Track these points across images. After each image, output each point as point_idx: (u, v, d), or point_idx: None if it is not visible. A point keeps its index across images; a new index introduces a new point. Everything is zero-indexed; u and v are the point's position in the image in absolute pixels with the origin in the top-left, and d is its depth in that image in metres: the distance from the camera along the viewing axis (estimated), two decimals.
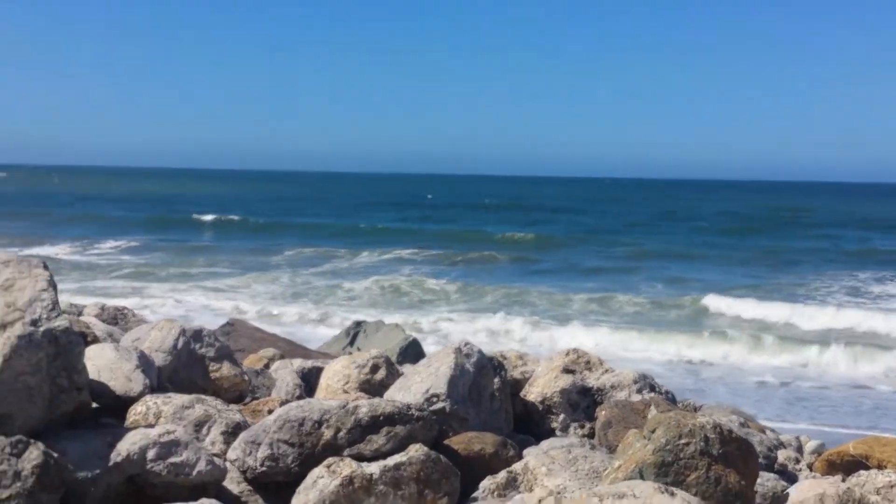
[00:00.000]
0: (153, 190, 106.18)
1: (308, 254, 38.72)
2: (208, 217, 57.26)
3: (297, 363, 8.97)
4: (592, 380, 7.98)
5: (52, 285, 6.34)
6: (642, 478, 5.68)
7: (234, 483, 6.34)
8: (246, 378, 8.14)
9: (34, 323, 6.05)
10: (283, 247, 40.78)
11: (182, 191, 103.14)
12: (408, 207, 78.06)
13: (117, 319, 10.34)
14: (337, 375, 7.78)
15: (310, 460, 6.26)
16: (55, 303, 6.18)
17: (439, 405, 6.96)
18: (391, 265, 36.42)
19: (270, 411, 7.03)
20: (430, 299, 27.71)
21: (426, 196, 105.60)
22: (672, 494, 4.55)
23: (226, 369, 7.89)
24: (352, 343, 13.72)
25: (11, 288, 6.23)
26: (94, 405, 6.67)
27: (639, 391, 7.82)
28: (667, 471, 5.78)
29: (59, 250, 39.65)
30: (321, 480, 6.03)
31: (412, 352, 12.70)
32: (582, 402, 7.83)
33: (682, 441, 5.89)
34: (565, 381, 7.85)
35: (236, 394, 7.95)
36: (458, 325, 22.87)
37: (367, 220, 61.21)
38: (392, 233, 51.00)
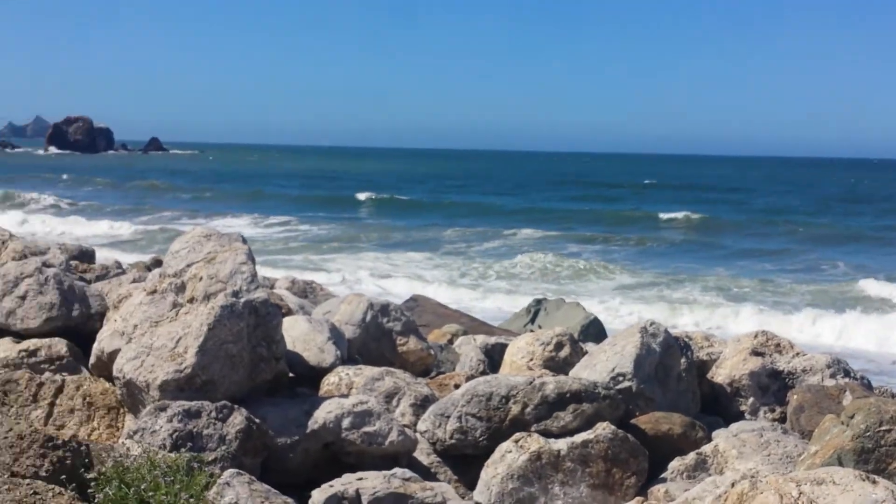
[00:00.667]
0: (328, 168, 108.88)
1: (474, 233, 38.91)
2: (374, 194, 58.31)
3: (481, 339, 9.08)
4: (783, 363, 7.74)
5: (251, 258, 6.62)
6: (841, 464, 5.49)
7: (423, 454, 6.48)
8: (432, 352, 8.30)
9: (235, 294, 6.34)
10: (448, 225, 41.16)
11: (357, 170, 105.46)
12: (569, 186, 77.32)
13: (306, 293, 10.71)
14: (521, 352, 7.82)
15: (497, 434, 6.33)
16: (254, 275, 6.46)
17: (625, 384, 6.91)
18: (555, 243, 36.25)
19: (457, 386, 7.15)
20: (593, 279, 27.49)
21: (588, 174, 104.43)
22: (874, 482, 4.36)
23: (412, 343, 8.06)
24: (532, 321, 13.73)
25: (213, 261, 6.53)
26: (290, 374, 6.95)
27: (832, 376, 7.55)
28: (867, 458, 5.58)
29: (238, 222, 41.23)
30: (509, 455, 6.09)
31: (594, 330, 12.65)
32: (772, 386, 7.62)
33: (884, 428, 5.66)
34: (754, 363, 7.66)
35: (422, 367, 8.12)
36: (626, 306, 22.54)
37: (530, 198, 61.01)
38: (555, 213, 50.63)
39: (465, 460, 6.45)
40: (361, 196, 58.33)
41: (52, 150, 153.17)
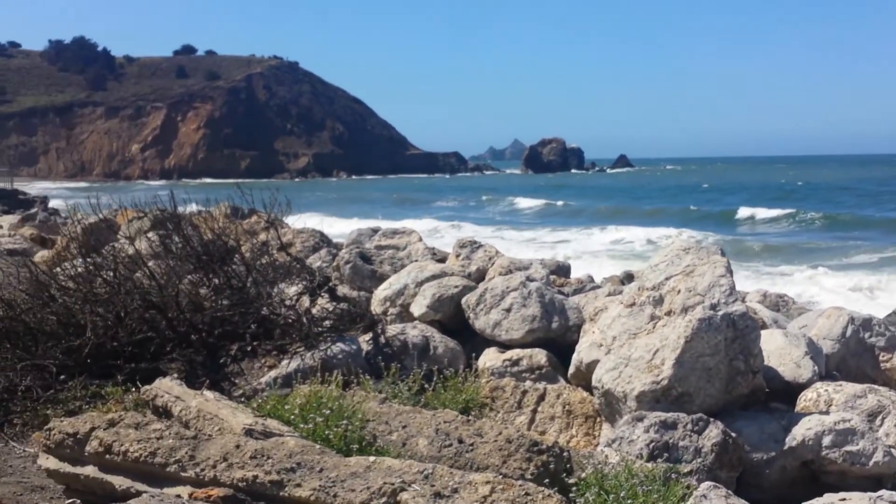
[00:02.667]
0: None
1: None
2: None
3: None
4: None
5: (729, 271, 6.57)
6: None
7: None
8: None
9: (713, 307, 6.33)
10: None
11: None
12: None
13: (779, 306, 10.40)
14: None
15: None
16: (732, 288, 6.40)
17: None
18: None
19: None
20: None
21: None
22: None
23: None
24: None
25: (692, 273, 6.57)
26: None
27: None
28: None
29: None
30: None
31: None
32: None
33: None
34: None
35: None
36: None
37: None
38: None
39: None
40: None
41: (529, 171, 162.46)
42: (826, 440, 5.89)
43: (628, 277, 12.21)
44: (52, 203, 46.93)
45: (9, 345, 7.36)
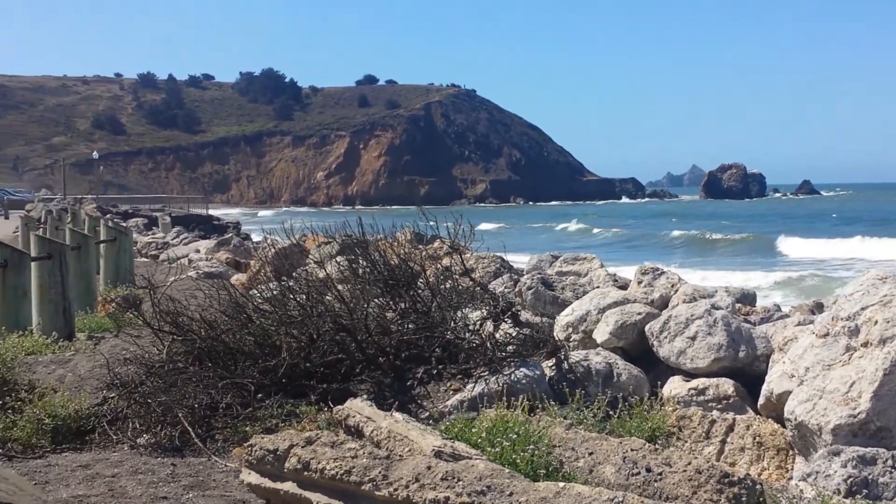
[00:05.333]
0: None
1: None
2: None
3: None
4: None
5: None
6: None
7: None
8: None
9: None
10: None
11: None
12: None
13: None
14: None
15: None
16: None
17: None
18: None
19: None
20: None
21: None
22: None
23: None
24: None
25: (889, 304, 6.30)
26: None
27: None
28: None
29: None
30: None
31: None
32: None
33: None
34: None
35: None
36: None
37: None
38: None
39: None
40: None
41: (707, 197, 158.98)
42: None
43: (818, 307, 11.75)
44: (244, 228, 49.24)
45: (210, 363, 7.78)
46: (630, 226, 78.65)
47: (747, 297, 11.33)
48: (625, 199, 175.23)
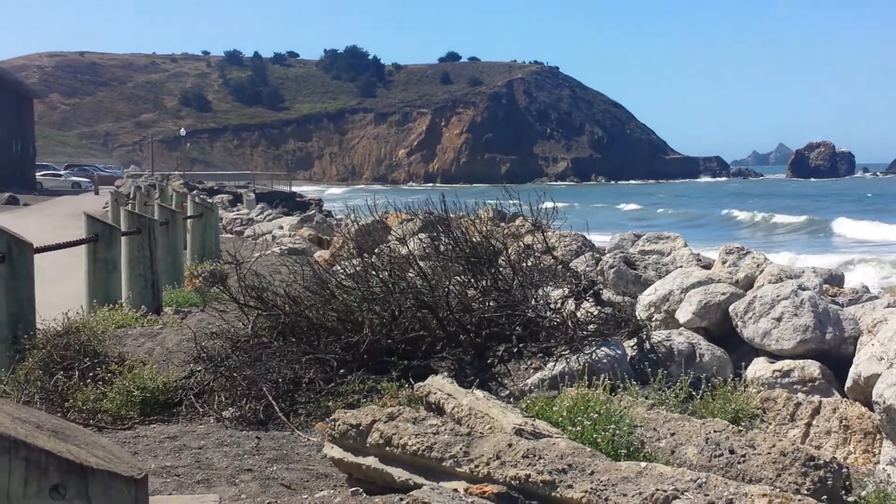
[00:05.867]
0: None
1: None
2: None
3: None
4: None
5: None
6: None
7: None
8: None
9: None
10: None
11: None
12: None
13: None
14: None
15: None
16: None
17: None
18: None
19: None
20: None
21: None
22: None
23: None
24: None
25: None
26: None
27: None
28: None
29: None
30: None
31: None
32: None
33: None
34: None
35: None
36: None
37: None
38: None
39: None
40: None
41: (794, 176, 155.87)
42: None
43: None
44: (326, 205, 49.75)
45: (294, 339, 7.90)
46: (693, 205, 77.35)
47: (835, 279, 11.09)
48: (704, 178, 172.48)
